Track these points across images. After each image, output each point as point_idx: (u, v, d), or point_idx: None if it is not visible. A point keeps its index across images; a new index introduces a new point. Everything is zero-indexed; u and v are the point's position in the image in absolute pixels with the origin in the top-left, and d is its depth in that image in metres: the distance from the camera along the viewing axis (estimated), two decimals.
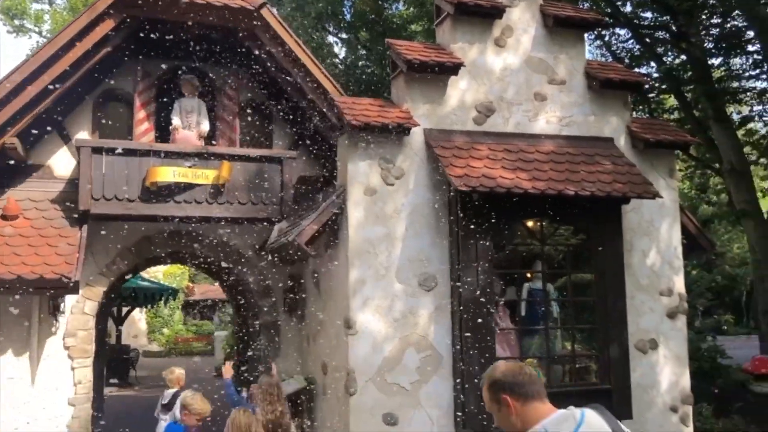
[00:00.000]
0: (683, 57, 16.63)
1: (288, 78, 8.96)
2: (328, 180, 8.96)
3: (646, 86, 16.18)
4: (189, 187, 8.31)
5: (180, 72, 8.99)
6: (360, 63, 21.03)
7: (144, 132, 8.69)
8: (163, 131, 9.02)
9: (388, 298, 7.02)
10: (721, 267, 32.07)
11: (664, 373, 7.94)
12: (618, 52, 17.82)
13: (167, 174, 8.10)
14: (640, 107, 18.46)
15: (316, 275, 8.37)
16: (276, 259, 8.65)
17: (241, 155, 8.71)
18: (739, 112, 20.16)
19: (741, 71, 18.00)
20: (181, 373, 7.93)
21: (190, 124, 8.82)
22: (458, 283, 6.99)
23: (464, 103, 7.64)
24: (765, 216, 15.80)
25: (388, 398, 6.88)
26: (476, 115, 7.66)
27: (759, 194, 17.52)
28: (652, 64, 17.45)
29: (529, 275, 8.05)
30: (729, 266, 31.60)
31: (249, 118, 9.44)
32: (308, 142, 9.41)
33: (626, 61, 16.96)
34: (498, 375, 2.35)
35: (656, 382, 7.86)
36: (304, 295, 9.07)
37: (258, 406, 5.27)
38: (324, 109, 8.80)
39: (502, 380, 2.34)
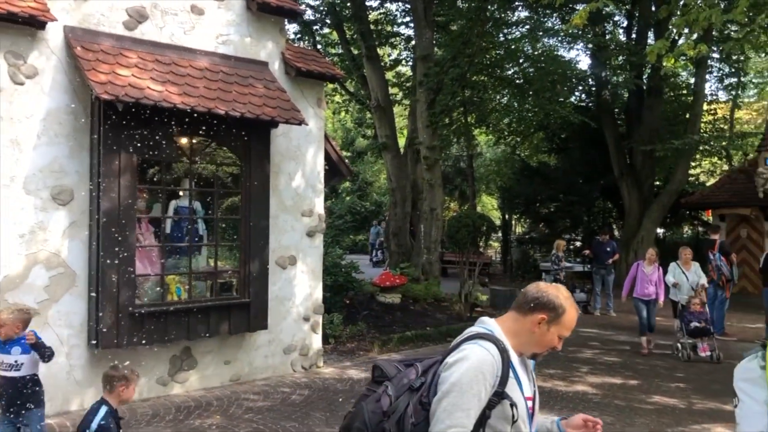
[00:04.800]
0: None
1: None
2: None
3: (310, 18, 16.82)
4: None
5: None
6: None
7: None
8: None
9: (12, 211, 6.32)
10: (370, 194, 35.74)
11: (301, 286, 8.66)
12: None
13: None
14: (306, 38, 19.17)
15: None
16: None
17: None
18: (389, 55, 22.23)
19: (393, 17, 19.76)
20: None
21: None
22: (98, 198, 6.60)
23: (114, 4, 7.05)
24: (401, 150, 17.94)
25: None
26: (127, 19, 7.14)
27: (399, 132, 19.77)
28: None
29: (180, 193, 7.98)
30: (377, 194, 35.32)
31: None
32: None
33: None
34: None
35: (293, 295, 8.55)
36: None
37: None
38: None
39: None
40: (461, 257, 13.76)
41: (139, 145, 6.83)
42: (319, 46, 19.60)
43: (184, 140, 7.49)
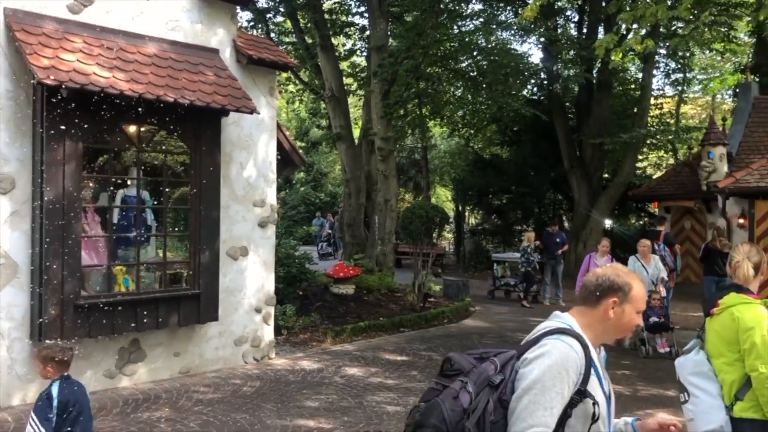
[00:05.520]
0: None
1: None
2: None
3: (263, 6, 16.60)
4: None
5: None
6: None
7: None
8: None
9: None
10: (325, 185, 35.59)
11: (252, 277, 8.57)
12: None
13: None
14: (259, 26, 18.94)
15: None
16: None
17: None
18: (344, 45, 22.12)
19: (348, 7, 19.64)
20: None
21: None
22: (41, 187, 6.40)
23: None
24: (356, 141, 17.90)
25: None
26: (72, 2, 6.92)
27: (353, 122, 19.71)
28: None
29: (128, 182, 7.78)
30: (331, 185, 35.20)
31: None
32: None
33: None
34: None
35: (244, 286, 8.46)
36: None
37: None
38: None
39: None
40: (415, 248, 13.83)
41: (84, 132, 6.64)
42: (272, 35, 19.37)
43: (131, 128, 7.31)
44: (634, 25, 15.18)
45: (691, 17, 15.00)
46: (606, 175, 23.42)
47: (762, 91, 20.01)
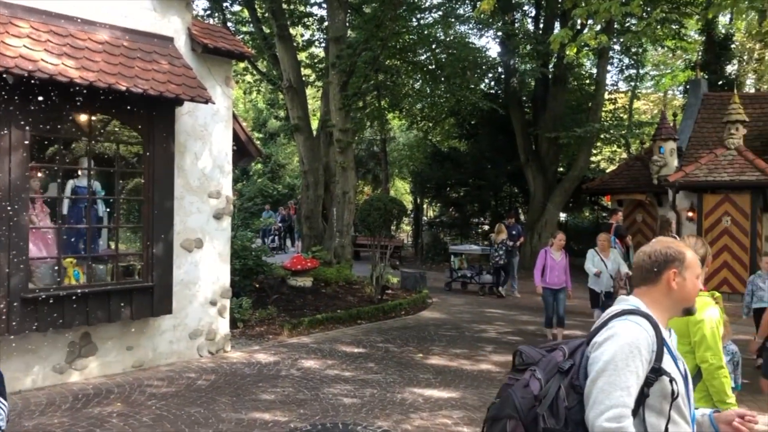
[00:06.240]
0: None
1: None
2: None
3: None
4: None
5: None
6: None
7: None
8: None
9: None
10: (283, 177, 35.30)
11: (207, 270, 8.46)
12: None
13: None
14: (216, 15, 18.65)
15: None
16: None
17: None
18: (302, 35, 21.94)
19: None
20: None
21: None
22: None
23: None
24: (314, 133, 17.80)
25: None
26: None
27: (312, 114, 19.59)
28: None
29: (78, 172, 7.58)
30: (289, 177, 34.93)
31: None
32: None
33: None
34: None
35: (199, 279, 8.34)
36: None
37: None
38: None
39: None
40: (373, 240, 13.84)
41: (32, 121, 6.44)
42: (229, 24, 19.08)
43: (82, 117, 7.12)
44: (589, 21, 15.43)
45: (644, 14, 15.32)
46: (561, 169, 23.83)
47: (711, 87, 20.59)
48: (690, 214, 16.18)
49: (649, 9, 15.55)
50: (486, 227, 25.54)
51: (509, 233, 15.55)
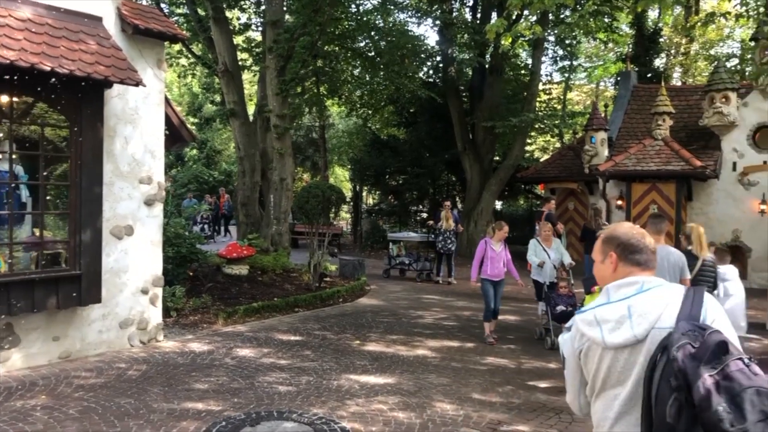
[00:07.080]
0: None
1: None
2: None
3: None
4: None
5: None
6: None
7: None
8: None
9: None
10: (219, 163, 34.66)
11: (138, 257, 8.23)
12: None
13: None
14: None
15: None
16: None
17: None
18: (239, 19, 21.50)
19: None
20: None
21: None
22: None
23: None
24: (250, 118, 17.52)
25: None
26: None
27: (248, 99, 19.25)
28: None
29: None
30: (226, 163, 34.32)
31: None
32: None
33: None
34: (615, 233, 2.55)
35: (129, 267, 8.11)
36: None
37: None
38: None
39: (616, 238, 2.52)
40: (311, 228, 13.76)
41: None
42: (163, 5, 18.52)
43: (3, 98, 6.78)
44: (525, 12, 15.68)
45: (577, 6, 15.66)
46: (497, 158, 24.22)
47: (640, 80, 21.28)
48: (619, 202, 16.74)
49: (582, 1, 15.92)
50: (425, 215, 25.76)
51: None
